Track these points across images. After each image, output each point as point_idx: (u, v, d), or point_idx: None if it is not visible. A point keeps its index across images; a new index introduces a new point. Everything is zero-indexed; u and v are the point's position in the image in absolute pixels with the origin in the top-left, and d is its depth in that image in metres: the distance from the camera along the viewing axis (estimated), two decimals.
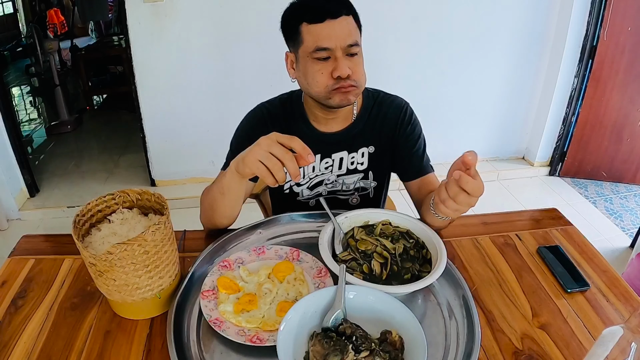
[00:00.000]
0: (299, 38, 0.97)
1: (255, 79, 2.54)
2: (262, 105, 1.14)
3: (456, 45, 2.67)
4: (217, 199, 0.98)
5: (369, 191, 1.19)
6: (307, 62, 0.98)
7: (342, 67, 0.95)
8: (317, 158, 1.13)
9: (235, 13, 2.41)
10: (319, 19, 0.94)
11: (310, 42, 0.95)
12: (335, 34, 0.94)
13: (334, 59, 0.96)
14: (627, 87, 2.64)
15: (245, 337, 0.76)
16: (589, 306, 0.88)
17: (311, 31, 0.95)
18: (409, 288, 0.81)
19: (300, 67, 1.01)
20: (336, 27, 0.94)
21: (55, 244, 1.05)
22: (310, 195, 1.17)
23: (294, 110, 1.12)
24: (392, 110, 1.12)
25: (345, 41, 0.94)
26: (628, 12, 2.47)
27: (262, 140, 0.81)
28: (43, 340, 0.79)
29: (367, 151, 1.14)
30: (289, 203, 1.19)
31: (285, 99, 1.14)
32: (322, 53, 0.95)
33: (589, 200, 2.77)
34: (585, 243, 1.05)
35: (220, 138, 1.41)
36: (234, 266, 0.92)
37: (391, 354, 0.70)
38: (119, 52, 4.09)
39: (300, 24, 0.96)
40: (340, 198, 1.19)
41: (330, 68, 0.96)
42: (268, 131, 1.09)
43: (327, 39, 0.94)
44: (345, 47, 0.95)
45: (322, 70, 0.96)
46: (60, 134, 3.69)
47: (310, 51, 0.96)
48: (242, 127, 1.14)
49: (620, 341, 0.61)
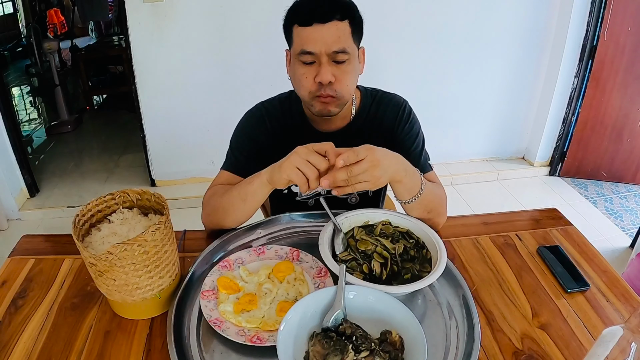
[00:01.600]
0: (291, 39, 0.99)
1: (255, 78, 2.54)
2: (260, 105, 1.15)
3: (456, 45, 2.67)
4: (236, 204, 0.97)
5: (368, 190, 1.19)
6: (295, 64, 0.99)
7: (323, 73, 0.94)
8: None
9: (235, 13, 2.41)
10: (307, 22, 0.93)
11: (297, 44, 0.96)
12: (322, 38, 0.92)
13: (318, 64, 0.95)
14: (627, 87, 2.64)
15: (245, 337, 0.76)
16: (589, 306, 0.88)
17: (299, 34, 0.95)
18: (409, 288, 0.81)
19: (291, 68, 1.03)
20: (324, 32, 0.92)
21: (55, 244, 1.05)
22: (309, 195, 1.17)
23: (292, 109, 1.12)
24: (390, 109, 1.12)
25: (330, 47, 0.93)
26: (628, 12, 2.48)
27: (300, 148, 0.83)
28: (43, 340, 0.79)
29: None
30: (288, 203, 1.19)
31: (284, 98, 1.15)
32: (307, 57, 0.95)
33: (589, 200, 2.77)
34: (585, 243, 1.05)
35: (220, 138, 1.41)
36: (234, 266, 0.92)
37: (391, 354, 0.70)
38: (119, 52, 4.09)
39: (293, 24, 0.96)
40: (339, 198, 1.18)
41: (314, 73, 0.96)
42: (267, 130, 1.11)
43: (313, 43, 0.93)
44: (330, 53, 0.93)
45: (307, 75, 0.97)
46: (60, 134, 3.69)
47: (297, 53, 0.96)
48: (242, 126, 1.14)
49: (620, 341, 0.61)
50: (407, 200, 0.95)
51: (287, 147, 1.10)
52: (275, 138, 1.11)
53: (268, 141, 1.11)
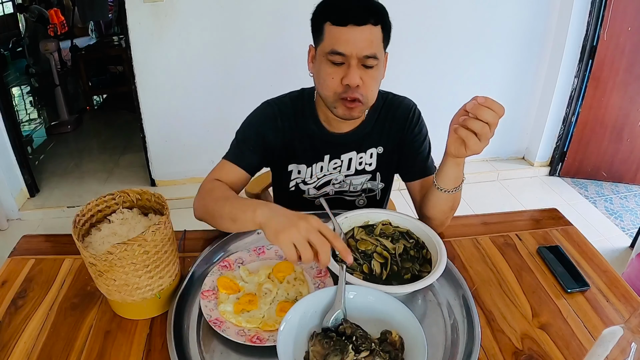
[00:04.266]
0: (321, 36, 0.95)
1: (255, 78, 2.54)
2: (272, 102, 1.12)
3: (456, 45, 2.67)
4: (225, 221, 0.91)
5: (376, 192, 1.19)
6: (322, 62, 0.96)
7: (352, 76, 0.92)
8: (325, 158, 1.12)
9: (235, 13, 2.41)
10: (342, 22, 0.90)
11: (328, 43, 0.93)
12: (355, 41, 0.90)
13: (347, 66, 0.93)
14: (627, 87, 2.64)
15: (245, 337, 0.76)
16: (589, 306, 0.88)
17: (332, 32, 0.92)
18: (409, 288, 0.81)
19: (316, 65, 1.00)
20: (358, 34, 0.90)
21: (55, 244, 1.05)
22: (317, 194, 1.17)
23: (304, 109, 1.10)
24: (400, 111, 1.12)
25: (362, 51, 0.91)
26: (628, 12, 2.48)
27: (302, 223, 0.74)
28: (43, 340, 0.79)
29: (375, 152, 1.13)
30: (294, 200, 1.17)
31: (295, 97, 1.12)
32: (337, 57, 0.92)
33: (589, 200, 2.77)
34: (585, 243, 1.05)
35: (220, 138, 1.41)
36: (234, 266, 0.92)
37: (391, 354, 0.70)
38: (119, 52, 4.08)
39: (325, 22, 0.93)
40: (347, 199, 1.18)
41: (342, 74, 0.94)
42: (277, 127, 1.09)
43: (345, 44, 0.91)
44: (361, 56, 0.92)
45: (334, 75, 0.95)
46: (60, 134, 3.69)
47: (327, 52, 0.93)
48: (251, 121, 1.11)
49: (620, 341, 0.61)
50: (450, 190, 0.96)
51: (295, 146, 1.11)
52: (285, 137, 1.10)
53: (277, 139, 1.09)
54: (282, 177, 1.15)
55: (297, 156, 1.12)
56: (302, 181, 1.15)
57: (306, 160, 1.12)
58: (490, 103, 0.80)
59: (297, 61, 2.58)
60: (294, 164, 1.13)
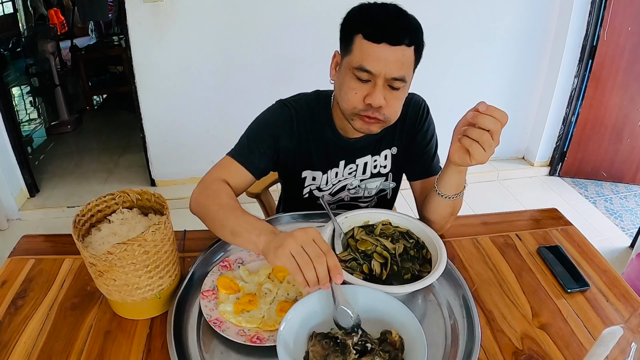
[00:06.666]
0: (350, 47, 0.89)
1: (255, 78, 2.53)
2: (287, 103, 1.06)
3: (455, 45, 2.66)
4: (225, 233, 0.87)
5: (387, 192, 1.17)
6: (347, 75, 0.91)
7: (376, 97, 0.88)
8: (341, 164, 1.09)
9: (235, 13, 2.41)
10: (375, 39, 0.85)
11: (357, 57, 0.87)
12: (386, 61, 0.85)
13: (372, 85, 0.88)
14: (627, 87, 2.64)
15: (245, 337, 0.76)
16: (589, 306, 0.88)
17: (363, 47, 0.86)
18: (409, 288, 0.81)
19: (340, 75, 0.95)
20: (389, 54, 0.85)
21: (55, 244, 1.05)
22: (332, 200, 1.14)
23: (320, 114, 1.06)
24: (411, 109, 1.09)
25: (391, 72, 0.87)
26: (628, 12, 2.47)
27: (298, 233, 0.73)
28: (43, 340, 0.79)
29: (390, 153, 1.11)
30: (308, 206, 1.13)
31: (311, 100, 1.07)
32: (364, 74, 0.88)
33: (589, 200, 2.77)
34: (585, 243, 1.05)
35: (220, 138, 1.41)
36: (234, 266, 0.92)
37: (391, 354, 0.70)
38: (119, 52, 4.08)
39: (357, 33, 0.87)
40: (362, 206, 1.16)
41: (366, 92, 0.89)
42: (292, 131, 1.05)
43: (375, 63, 0.86)
44: (389, 78, 0.87)
45: (357, 91, 0.90)
46: (60, 134, 3.69)
47: (354, 66, 0.88)
48: (267, 120, 1.05)
49: (620, 341, 0.61)
50: (451, 196, 0.95)
51: (311, 153, 1.07)
52: (300, 142, 1.06)
53: (290, 143, 1.05)
54: (295, 184, 1.11)
55: (312, 163, 1.08)
56: (317, 188, 1.11)
57: (322, 167, 1.09)
58: (491, 111, 0.79)
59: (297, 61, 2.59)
60: (308, 171, 1.09)
